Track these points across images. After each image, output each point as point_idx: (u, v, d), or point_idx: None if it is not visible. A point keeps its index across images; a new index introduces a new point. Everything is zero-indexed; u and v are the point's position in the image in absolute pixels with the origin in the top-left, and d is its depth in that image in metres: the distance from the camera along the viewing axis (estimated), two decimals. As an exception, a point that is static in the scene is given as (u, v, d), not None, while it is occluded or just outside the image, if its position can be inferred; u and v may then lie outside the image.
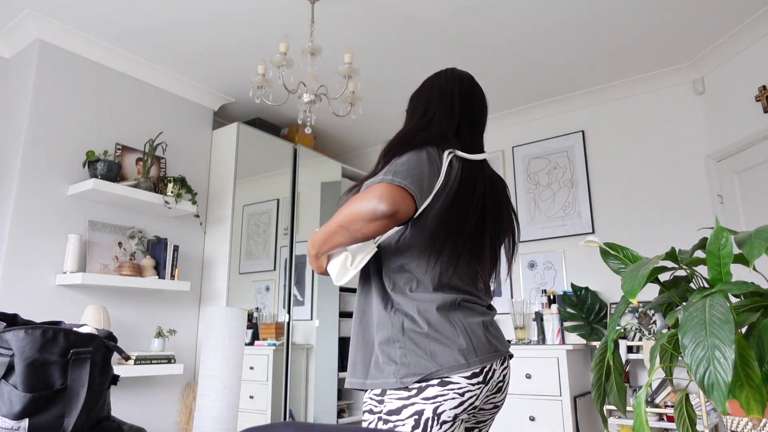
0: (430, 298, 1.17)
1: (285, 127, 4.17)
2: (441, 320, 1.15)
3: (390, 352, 1.14)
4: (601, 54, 3.23)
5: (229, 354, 2.02)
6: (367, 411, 1.16)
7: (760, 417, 0.78)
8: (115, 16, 2.81)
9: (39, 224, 2.73)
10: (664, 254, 0.94)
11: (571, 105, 3.81)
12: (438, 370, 1.10)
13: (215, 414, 1.95)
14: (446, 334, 1.13)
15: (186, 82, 3.48)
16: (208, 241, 3.49)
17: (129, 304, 3.04)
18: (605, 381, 1.02)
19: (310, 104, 2.40)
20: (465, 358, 1.11)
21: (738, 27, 2.93)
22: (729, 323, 0.73)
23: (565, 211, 3.71)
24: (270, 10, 2.76)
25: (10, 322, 1.11)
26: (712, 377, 0.70)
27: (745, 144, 2.94)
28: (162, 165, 3.30)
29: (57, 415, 0.98)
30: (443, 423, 1.09)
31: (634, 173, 3.51)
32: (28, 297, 2.64)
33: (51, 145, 2.83)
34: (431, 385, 1.10)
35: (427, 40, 3.05)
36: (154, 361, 2.89)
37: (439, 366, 1.10)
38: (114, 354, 1.13)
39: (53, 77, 2.88)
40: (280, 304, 3.57)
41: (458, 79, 1.39)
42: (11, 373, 0.97)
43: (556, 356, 2.99)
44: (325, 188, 4.09)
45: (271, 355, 3.43)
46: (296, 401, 3.53)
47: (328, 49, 3.10)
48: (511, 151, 4.06)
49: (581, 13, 2.82)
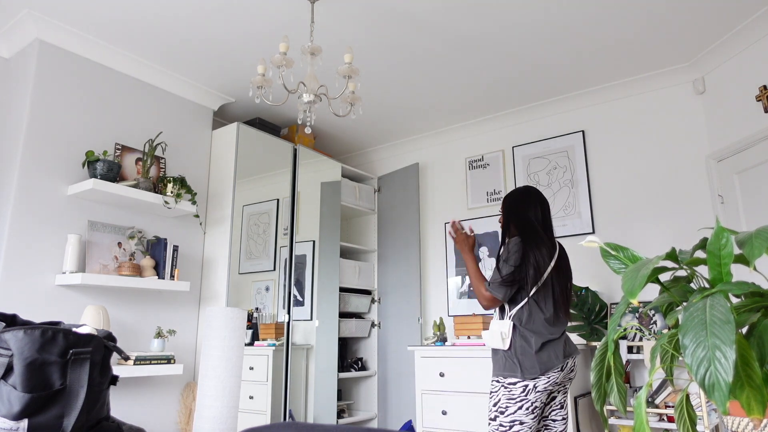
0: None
1: (285, 127, 4.17)
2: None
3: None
4: (601, 54, 3.23)
5: (229, 354, 2.01)
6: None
7: (761, 417, 0.77)
8: (114, 16, 2.81)
9: (38, 224, 2.73)
10: (664, 254, 0.94)
11: (571, 105, 3.81)
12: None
13: (215, 414, 1.95)
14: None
15: (186, 82, 3.48)
16: (208, 241, 3.49)
17: (128, 305, 3.04)
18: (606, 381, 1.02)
19: (310, 104, 2.40)
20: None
21: (738, 27, 2.93)
22: (730, 323, 0.72)
23: (565, 211, 3.71)
24: (270, 10, 2.76)
25: (9, 322, 1.10)
26: (713, 377, 0.70)
27: (746, 144, 2.94)
28: (162, 165, 3.30)
29: (56, 416, 0.98)
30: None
31: (635, 173, 3.51)
32: (27, 297, 2.63)
33: (50, 145, 2.82)
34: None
35: (427, 39, 3.05)
36: (153, 361, 2.88)
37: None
38: (113, 354, 1.13)
39: (53, 77, 2.88)
40: (280, 305, 3.57)
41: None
42: (10, 373, 0.97)
43: (556, 356, 2.99)
44: (325, 188, 4.09)
45: (270, 355, 3.43)
46: (296, 401, 3.53)
47: (328, 49, 3.10)
48: (511, 151, 4.06)
49: (581, 13, 2.81)
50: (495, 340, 2.15)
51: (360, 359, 4.29)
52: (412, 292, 4.14)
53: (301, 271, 3.78)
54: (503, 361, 2.14)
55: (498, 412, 2.10)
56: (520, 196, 2.34)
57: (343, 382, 4.29)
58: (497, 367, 2.16)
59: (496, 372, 2.16)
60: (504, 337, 2.14)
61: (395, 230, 4.38)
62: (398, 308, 4.21)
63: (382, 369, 4.20)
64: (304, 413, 3.60)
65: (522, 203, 2.31)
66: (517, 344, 2.11)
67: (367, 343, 4.35)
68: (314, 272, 3.84)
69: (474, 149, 4.26)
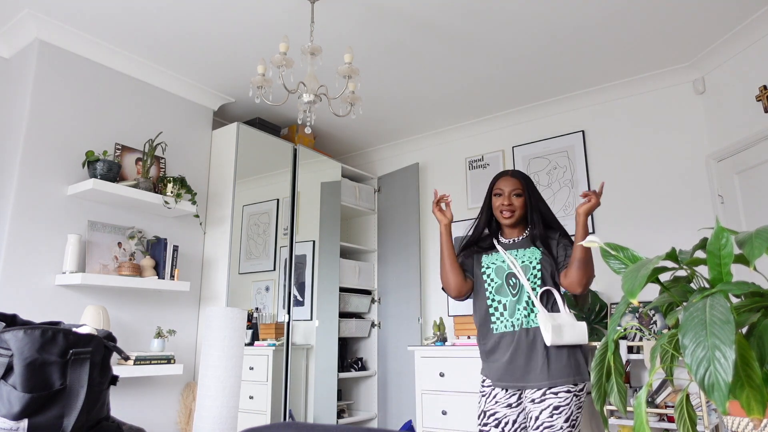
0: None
1: (285, 127, 4.17)
2: None
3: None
4: (601, 54, 3.23)
5: (228, 354, 2.01)
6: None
7: (761, 417, 0.77)
8: (114, 16, 2.81)
9: (38, 224, 2.73)
10: (664, 254, 0.93)
11: (571, 105, 3.80)
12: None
13: (215, 414, 1.95)
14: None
15: (185, 82, 3.48)
16: (208, 241, 3.49)
17: (128, 305, 3.04)
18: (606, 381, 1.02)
19: (310, 104, 2.40)
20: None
21: (738, 27, 2.93)
22: (729, 323, 0.72)
23: (565, 211, 3.71)
24: (270, 9, 2.76)
25: (9, 322, 1.10)
26: (713, 377, 0.70)
27: (746, 144, 2.94)
28: (162, 165, 3.30)
29: (56, 416, 0.98)
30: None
31: (634, 173, 3.51)
32: (27, 297, 2.63)
33: (50, 145, 2.82)
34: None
35: (427, 40, 3.05)
36: (153, 361, 2.88)
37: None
38: (113, 354, 1.13)
39: (53, 77, 2.88)
40: (280, 305, 3.57)
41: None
42: (10, 373, 0.97)
43: (556, 356, 2.98)
44: (325, 188, 4.09)
45: (270, 355, 3.43)
46: (296, 401, 3.53)
47: (328, 49, 3.10)
48: (511, 151, 4.06)
49: (581, 13, 2.81)
50: (578, 332, 1.86)
51: (360, 359, 4.29)
52: (412, 292, 4.14)
53: (301, 271, 3.78)
54: (579, 362, 1.87)
55: (571, 426, 1.79)
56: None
57: (343, 382, 4.29)
58: (567, 372, 1.83)
59: (565, 377, 1.82)
60: (585, 328, 1.88)
61: (395, 230, 4.38)
62: (398, 308, 4.21)
63: (382, 369, 4.20)
64: (304, 413, 3.60)
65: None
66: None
67: (367, 343, 4.35)
68: (314, 272, 3.84)
69: (474, 149, 4.25)
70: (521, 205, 2.03)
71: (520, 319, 1.94)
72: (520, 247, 2.05)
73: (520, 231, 2.09)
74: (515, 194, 2.03)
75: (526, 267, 1.98)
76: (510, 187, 2.04)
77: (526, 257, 2.00)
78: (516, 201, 2.03)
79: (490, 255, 2.07)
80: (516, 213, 2.03)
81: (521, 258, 2.00)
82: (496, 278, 2.02)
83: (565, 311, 1.92)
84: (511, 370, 1.92)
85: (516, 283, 1.97)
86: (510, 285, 1.98)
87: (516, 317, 1.94)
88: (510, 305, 1.96)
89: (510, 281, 1.99)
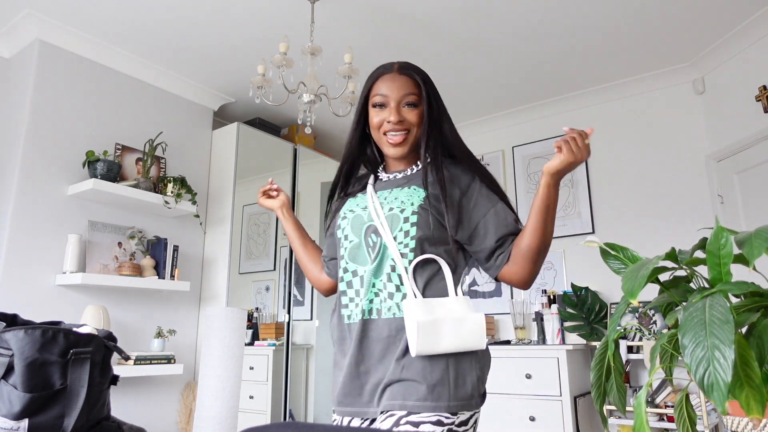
0: None
1: (285, 127, 4.17)
2: None
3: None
4: (601, 54, 3.23)
5: (229, 354, 2.02)
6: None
7: (760, 417, 0.78)
8: (114, 16, 2.81)
9: (39, 224, 2.73)
10: (664, 254, 0.94)
11: (571, 105, 3.81)
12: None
13: (215, 414, 1.95)
14: None
15: (186, 82, 3.48)
16: (208, 241, 3.49)
17: (129, 304, 3.04)
18: (605, 381, 1.02)
19: (310, 104, 2.40)
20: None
21: (738, 27, 2.93)
22: (729, 323, 0.72)
23: (565, 211, 3.71)
24: (270, 10, 2.76)
25: (9, 322, 1.10)
26: (712, 377, 0.70)
27: (746, 144, 2.94)
28: (162, 165, 3.30)
29: (57, 416, 0.98)
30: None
31: (634, 173, 3.51)
32: (27, 297, 2.64)
33: (51, 145, 2.82)
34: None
35: (427, 39, 3.05)
36: (153, 361, 2.89)
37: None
38: (114, 354, 1.13)
39: (53, 77, 2.88)
40: (280, 304, 3.57)
41: None
42: (11, 373, 0.97)
43: (556, 356, 2.99)
44: (325, 188, 4.09)
45: (270, 355, 3.43)
46: (296, 401, 3.53)
47: (328, 49, 3.10)
48: (511, 151, 4.06)
49: (581, 13, 2.81)
50: (469, 334, 1.14)
51: (360, 359, 4.29)
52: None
53: (300, 270, 3.78)
54: (465, 378, 1.14)
55: None
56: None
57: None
58: (440, 391, 1.10)
59: (433, 400, 1.09)
60: (482, 327, 1.16)
61: (395, 230, 4.37)
62: (398, 308, 4.20)
63: (382, 369, 4.20)
64: (304, 413, 3.60)
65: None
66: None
67: (367, 343, 4.35)
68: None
69: (474, 149, 4.20)
70: (417, 120, 1.29)
71: (374, 301, 1.19)
72: (398, 185, 1.30)
73: (409, 162, 1.35)
74: (408, 103, 1.29)
75: (394, 217, 1.21)
76: (399, 92, 1.29)
77: (398, 201, 1.23)
78: (410, 114, 1.29)
79: (356, 197, 1.36)
80: (411, 135, 1.29)
81: (391, 202, 1.24)
82: (352, 235, 1.26)
83: (454, 296, 1.18)
84: (352, 386, 1.18)
85: (377, 242, 1.21)
86: (369, 246, 1.23)
87: (368, 298, 1.19)
88: (367, 278, 1.20)
89: (369, 239, 1.23)
